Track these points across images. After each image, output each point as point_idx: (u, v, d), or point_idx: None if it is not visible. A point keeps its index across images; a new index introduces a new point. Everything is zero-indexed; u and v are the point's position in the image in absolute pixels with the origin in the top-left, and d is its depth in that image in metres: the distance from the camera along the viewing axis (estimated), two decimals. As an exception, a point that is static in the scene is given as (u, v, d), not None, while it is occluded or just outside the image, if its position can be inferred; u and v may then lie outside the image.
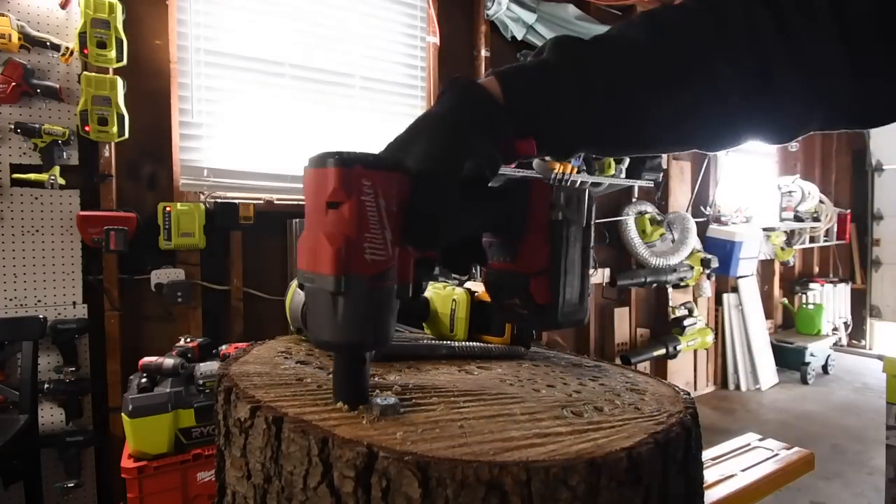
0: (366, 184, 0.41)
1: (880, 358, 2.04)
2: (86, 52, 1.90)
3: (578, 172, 2.99)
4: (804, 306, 4.89)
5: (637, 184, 3.47)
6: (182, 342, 1.80)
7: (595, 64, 0.48)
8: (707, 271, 3.79)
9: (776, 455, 2.04)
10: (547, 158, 0.53)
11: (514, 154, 0.48)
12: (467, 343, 0.68)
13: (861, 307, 5.67)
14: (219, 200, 2.27)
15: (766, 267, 4.83)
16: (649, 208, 3.66)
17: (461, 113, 0.46)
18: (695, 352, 3.95)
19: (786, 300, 5.06)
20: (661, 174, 3.64)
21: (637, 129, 0.50)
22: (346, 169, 0.40)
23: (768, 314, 4.72)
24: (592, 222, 0.56)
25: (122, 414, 1.57)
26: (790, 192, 4.56)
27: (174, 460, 1.60)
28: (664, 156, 3.68)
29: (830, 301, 5.21)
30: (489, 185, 0.50)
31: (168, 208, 2.11)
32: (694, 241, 3.73)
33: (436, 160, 0.43)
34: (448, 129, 0.45)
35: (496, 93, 0.47)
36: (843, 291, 5.48)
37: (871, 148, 5.63)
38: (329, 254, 0.40)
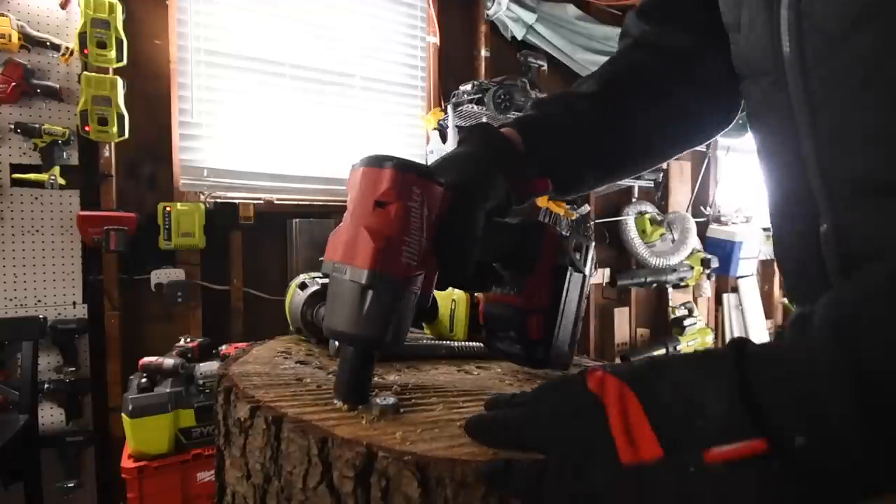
0: (416, 191, 0.43)
1: (880, 358, 2.04)
2: (86, 52, 1.90)
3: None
4: (804, 306, 4.89)
5: (637, 184, 3.47)
6: (182, 342, 1.80)
7: (586, 113, 0.61)
8: (707, 271, 3.78)
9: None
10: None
11: (530, 191, 0.56)
12: (467, 343, 0.68)
13: (861, 307, 5.66)
14: (219, 200, 2.26)
15: (766, 267, 4.82)
16: (649, 208, 3.66)
17: (488, 152, 0.54)
18: (695, 352, 3.95)
19: (786, 300, 5.05)
20: (661, 174, 3.64)
21: (642, 145, 0.65)
22: (402, 173, 0.43)
23: (768, 314, 4.71)
24: (592, 273, 0.61)
25: (122, 414, 1.57)
26: (790, 191, 4.55)
27: (174, 460, 1.60)
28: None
29: (830, 301, 5.19)
30: (505, 220, 0.55)
31: (168, 208, 2.11)
32: (694, 241, 3.73)
33: (468, 188, 0.49)
34: (480, 164, 0.52)
35: (516, 140, 0.57)
36: (843, 291, 5.46)
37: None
38: (369, 248, 0.42)
